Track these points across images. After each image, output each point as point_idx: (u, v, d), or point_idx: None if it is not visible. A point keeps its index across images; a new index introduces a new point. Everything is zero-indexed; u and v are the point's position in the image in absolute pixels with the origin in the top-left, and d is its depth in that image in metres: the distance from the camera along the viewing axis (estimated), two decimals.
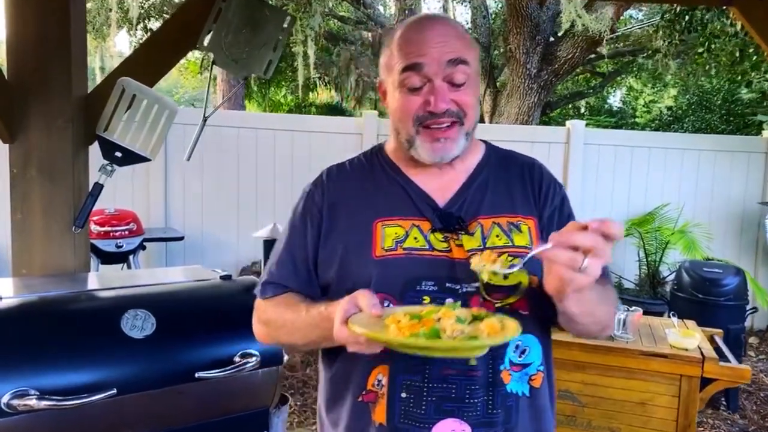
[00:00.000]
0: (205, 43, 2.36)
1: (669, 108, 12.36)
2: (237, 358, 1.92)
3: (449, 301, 1.07)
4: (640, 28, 9.20)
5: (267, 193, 5.33)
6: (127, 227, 4.39)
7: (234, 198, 5.33)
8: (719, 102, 9.90)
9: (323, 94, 15.76)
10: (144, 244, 4.51)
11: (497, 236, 1.13)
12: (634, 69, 10.61)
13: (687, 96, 11.21)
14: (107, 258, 4.31)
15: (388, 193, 1.19)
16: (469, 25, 9.41)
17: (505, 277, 1.09)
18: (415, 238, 1.12)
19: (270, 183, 5.34)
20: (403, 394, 1.07)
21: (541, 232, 1.16)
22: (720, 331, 2.97)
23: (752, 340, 5.38)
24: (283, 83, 14.64)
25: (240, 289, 2.15)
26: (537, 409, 1.13)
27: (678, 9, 5.16)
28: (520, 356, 1.11)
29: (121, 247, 4.33)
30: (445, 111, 1.10)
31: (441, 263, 1.10)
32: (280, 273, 1.20)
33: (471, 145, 1.19)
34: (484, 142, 1.29)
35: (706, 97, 10.37)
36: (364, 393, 1.11)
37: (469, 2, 9.14)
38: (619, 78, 12.06)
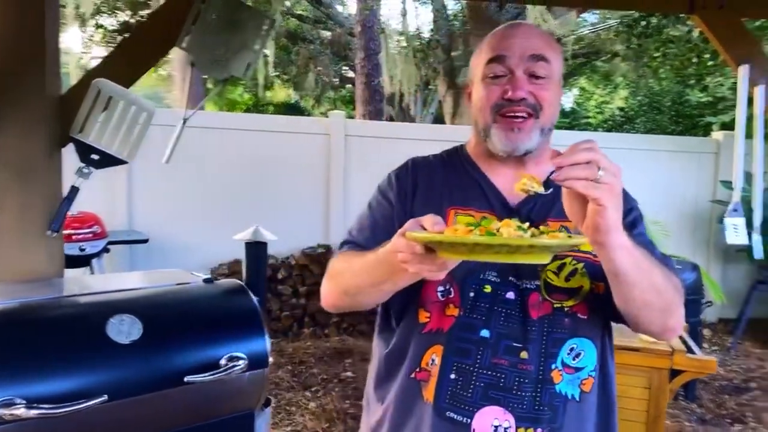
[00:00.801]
0: (184, 44, 2.34)
1: (621, 109, 12.74)
2: (224, 361, 1.91)
3: (510, 295, 1.11)
4: (592, 32, 9.47)
5: (233, 193, 5.28)
6: (90, 230, 4.28)
7: (199, 199, 5.25)
8: (669, 104, 10.26)
9: (281, 93, 15.65)
10: (108, 247, 4.41)
11: None
12: (587, 71, 10.89)
13: (638, 98, 11.57)
14: (70, 262, 4.16)
15: (463, 185, 1.23)
16: (430, 26, 9.52)
17: (568, 279, 1.12)
18: None
19: (237, 183, 5.29)
20: (453, 376, 1.10)
21: None
22: (685, 324, 3.10)
23: (705, 332, 5.62)
24: (240, 82, 14.48)
25: (224, 292, 2.14)
26: (584, 415, 1.13)
27: (637, 15, 5.38)
28: (574, 359, 1.12)
29: (84, 250, 4.23)
30: (522, 99, 1.13)
31: None
32: (359, 235, 1.24)
33: (547, 149, 1.23)
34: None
35: (656, 98, 10.73)
36: (417, 370, 1.14)
37: (431, 3, 9.22)
38: (571, 79, 12.37)
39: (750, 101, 2.85)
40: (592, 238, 0.91)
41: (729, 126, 6.39)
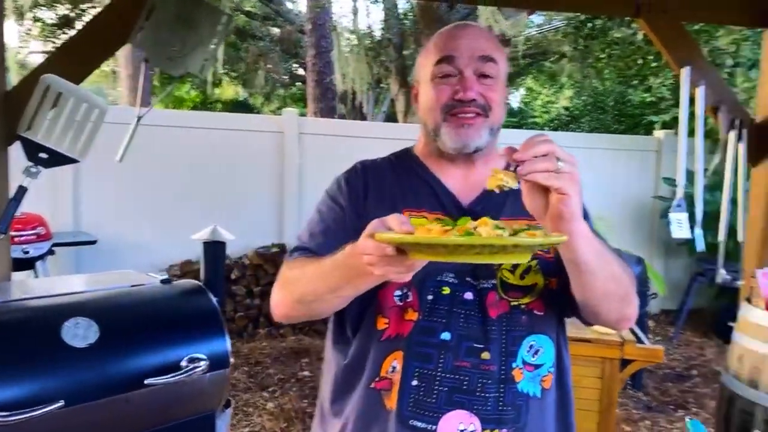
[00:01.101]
0: (137, 40, 2.29)
1: (566, 109, 13.09)
2: (185, 363, 1.89)
3: (468, 295, 1.11)
4: (539, 33, 9.70)
5: (184, 193, 5.18)
6: (34, 231, 4.13)
7: (149, 199, 5.13)
8: (612, 103, 10.59)
9: (229, 91, 15.41)
10: (53, 249, 4.26)
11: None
12: (534, 71, 11.14)
13: (583, 98, 11.90)
14: (13, 265, 4.03)
15: (414, 187, 1.22)
16: (382, 25, 9.55)
17: (522, 277, 1.13)
18: None
19: (187, 182, 5.19)
20: (415, 382, 1.07)
21: None
22: None
23: (649, 323, 5.85)
24: (187, 78, 14.17)
25: (182, 293, 2.11)
26: (545, 411, 1.14)
27: (582, 16, 5.54)
28: (533, 356, 1.12)
29: (27, 252, 4.07)
30: (472, 100, 1.15)
31: None
32: (311, 241, 1.20)
33: (495, 149, 1.22)
34: None
35: (600, 98, 11.07)
36: (377, 380, 1.11)
37: (382, 2, 9.25)
38: (518, 79, 12.63)
39: (692, 101, 2.98)
40: (555, 228, 0.93)
41: (669, 125, 6.66)
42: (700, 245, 2.98)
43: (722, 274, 3.07)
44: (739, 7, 2.96)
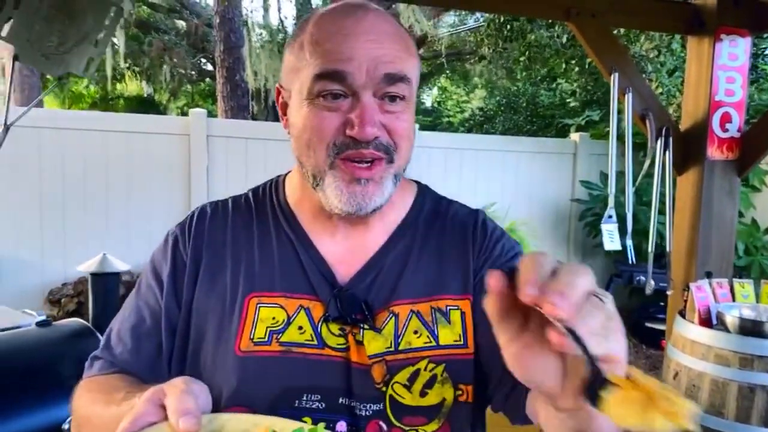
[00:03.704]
0: (4, 33, 1.91)
1: (480, 109, 13.25)
2: (67, 426, 1.57)
3: (341, 428, 0.78)
4: (452, 33, 9.71)
5: (77, 204, 4.65)
6: None
7: (36, 211, 4.57)
8: (524, 104, 10.78)
9: (132, 86, 14.56)
10: None
11: (415, 332, 0.82)
12: (447, 70, 11.17)
13: (496, 98, 12.07)
14: None
15: (273, 254, 0.87)
16: (294, 21, 9.20)
17: (423, 393, 0.80)
18: (300, 328, 0.81)
19: (79, 193, 4.67)
20: None
21: (475, 316, 0.84)
22: None
23: None
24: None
25: (64, 337, 1.77)
26: None
27: (503, 18, 5.49)
28: None
29: None
30: (373, 140, 0.78)
31: (333, 368, 0.80)
32: (117, 342, 0.86)
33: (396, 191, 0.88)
34: (417, 183, 0.99)
35: (512, 99, 11.24)
36: None
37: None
38: (432, 78, 12.65)
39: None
40: (575, 404, 0.53)
41: (584, 128, 6.76)
42: (631, 256, 2.92)
43: (651, 285, 3.04)
44: (666, 14, 2.93)
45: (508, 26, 5.50)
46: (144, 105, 13.25)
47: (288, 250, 0.87)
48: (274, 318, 0.81)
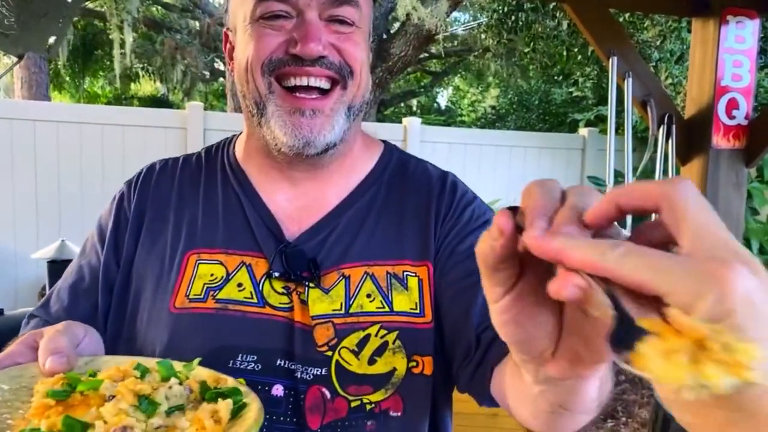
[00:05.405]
0: None
1: (492, 107, 13.11)
2: None
3: (277, 391, 0.71)
4: (465, 30, 9.58)
5: (72, 200, 4.60)
6: None
7: (32, 206, 4.53)
8: (537, 102, 10.63)
9: (147, 86, 14.66)
10: None
11: (368, 296, 0.76)
12: (461, 69, 11.06)
13: (509, 96, 11.93)
14: None
15: (218, 211, 0.82)
16: None
17: (372, 361, 0.74)
18: (240, 285, 0.76)
19: (75, 188, 4.62)
20: None
21: (436, 284, 0.78)
22: None
23: None
24: (100, 73, 13.32)
25: (16, 326, 1.69)
26: None
27: (506, 9, 5.35)
28: None
29: None
30: (320, 58, 0.73)
31: (273, 328, 0.74)
32: (53, 306, 0.83)
33: (359, 139, 0.82)
34: (385, 142, 0.92)
35: (525, 97, 11.10)
36: None
37: None
38: (446, 78, 12.53)
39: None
40: (567, 371, 0.45)
41: (594, 123, 6.61)
42: None
43: None
44: None
45: (512, 17, 5.37)
46: (158, 104, 13.33)
47: (233, 206, 0.82)
48: (212, 275, 0.76)
